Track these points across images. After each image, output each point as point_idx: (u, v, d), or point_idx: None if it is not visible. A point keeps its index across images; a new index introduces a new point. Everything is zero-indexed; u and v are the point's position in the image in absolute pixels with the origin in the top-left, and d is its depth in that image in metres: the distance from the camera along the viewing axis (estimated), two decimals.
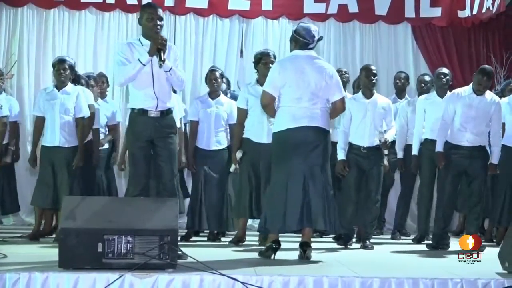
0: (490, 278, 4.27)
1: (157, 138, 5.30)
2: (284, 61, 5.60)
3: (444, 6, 9.79)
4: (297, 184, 5.25)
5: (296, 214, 5.22)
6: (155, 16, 5.25)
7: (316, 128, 5.33)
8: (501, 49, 9.77)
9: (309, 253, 5.30)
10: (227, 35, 9.70)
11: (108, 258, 4.21)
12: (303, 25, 5.60)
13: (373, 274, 4.31)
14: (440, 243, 6.57)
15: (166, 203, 4.57)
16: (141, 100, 5.28)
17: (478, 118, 6.51)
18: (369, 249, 6.49)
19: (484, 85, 6.52)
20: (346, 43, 9.91)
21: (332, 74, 5.43)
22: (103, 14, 9.54)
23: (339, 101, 5.45)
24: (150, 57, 5.16)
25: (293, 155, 5.28)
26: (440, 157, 6.57)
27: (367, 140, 6.63)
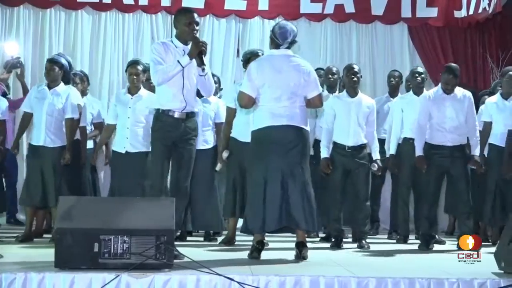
0: (486, 278, 4.27)
1: (181, 140, 5.33)
2: (260, 61, 5.56)
3: (440, 6, 9.82)
4: (275, 183, 5.24)
5: (275, 214, 5.20)
6: (193, 21, 5.32)
7: (296, 128, 5.31)
8: (497, 49, 9.80)
9: (305, 252, 5.29)
10: (224, 35, 9.72)
11: (104, 258, 4.20)
12: (281, 23, 5.58)
13: (369, 274, 4.31)
14: (429, 242, 6.56)
15: (162, 203, 4.56)
16: (169, 101, 5.30)
17: (454, 116, 6.54)
18: (366, 248, 6.49)
19: (452, 83, 6.56)
20: (343, 43, 9.94)
21: (310, 71, 5.42)
22: (99, 14, 9.56)
23: (316, 97, 5.42)
24: (190, 60, 5.21)
25: (272, 154, 5.26)
26: (421, 161, 6.58)
27: (351, 139, 6.64)
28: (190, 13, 5.41)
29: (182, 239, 7.03)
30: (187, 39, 5.30)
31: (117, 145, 6.82)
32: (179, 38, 5.37)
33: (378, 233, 8.38)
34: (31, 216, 6.85)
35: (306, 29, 9.94)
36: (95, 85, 9.43)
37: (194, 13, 5.41)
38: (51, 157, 6.67)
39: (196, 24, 5.33)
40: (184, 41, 5.34)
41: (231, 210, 6.70)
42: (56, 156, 6.68)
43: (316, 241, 7.30)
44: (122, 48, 9.56)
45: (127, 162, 6.69)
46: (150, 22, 9.64)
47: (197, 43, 5.19)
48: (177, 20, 5.41)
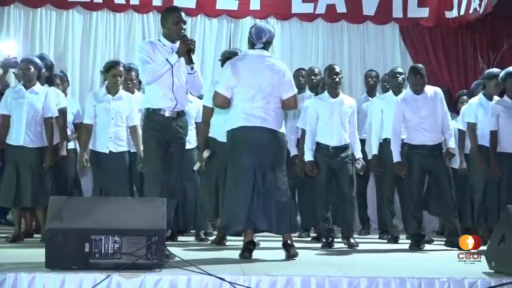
0: (477, 277, 4.28)
1: (172, 139, 5.31)
2: (235, 61, 5.54)
3: (431, 6, 9.85)
4: (247, 183, 5.23)
5: (244, 214, 5.20)
6: (180, 20, 5.31)
7: (269, 130, 5.29)
8: (488, 50, 9.83)
9: (293, 251, 5.28)
10: (215, 34, 9.73)
11: (95, 258, 4.18)
12: (258, 25, 5.58)
13: (360, 273, 4.31)
14: (419, 242, 6.57)
15: (154, 203, 4.54)
16: (159, 100, 5.28)
17: (430, 115, 6.57)
18: (355, 246, 6.50)
19: (420, 83, 6.58)
20: (334, 43, 9.96)
21: (284, 71, 5.40)
22: (90, 14, 9.55)
23: (290, 98, 5.40)
24: (178, 58, 5.19)
25: (245, 154, 5.26)
26: (400, 167, 6.61)
27: (335, 139, 6.66)
28: (177, 11, 5.38)
29: (173, 239, 7.02)
30: (175, 38, 5.29)
31: (100, 146, 6.73)
32: (167, 37, 5.35)
33: (369, 232, 8.39)
34: (18, 217, 6.82)
35: (297, 29, 9.96)
36: (86, 84, 9.43)
37: (181, 12, 5.39)
38: (30, 157, 6.63)
39: (184, 23, 5.32)
40: (172, 40, 5.32)
41: (215, 211, 6.69)
42: (35, 157, 6.64)
43: (307, 241, 7.31)
44: (113, 48, 9.55)
45: (111, 161, 6.65)
46: (142, 22, 9.63)
47: (185, 41, 5.18)
48: (164, 19, 5.39)
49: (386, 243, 7.24)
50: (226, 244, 6.61)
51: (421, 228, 6.65)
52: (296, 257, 5.27)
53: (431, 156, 6.54)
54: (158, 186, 5.20)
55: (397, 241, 7.21)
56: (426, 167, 6.57)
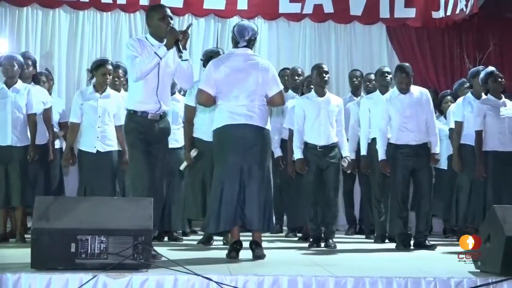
0: (463, 276, 4.30)
1: (155, 140, 5.26)
2: (219, 59, 5.54)
3: (418, 7, 9.89)
4: (233, 182, 5.23)
5: (230, 213, 5.20)
6: (166, 15, 5.23)
7: (254, 127, 5.28)
8: (474, 50, 9.89)
9: (260, 252, 5.26)
10: (203, 34, 9.72)
11: (81, 259, 4.16)
12: (240, 23, 5.57)
13: (347, 273, 4.32)
14: (406, 241, 6.59)
15: (140, 202, 4.52)
16: (143, 102, 5.21)
17: (414, 115, 6.59)
18: (332, 247, 6.49)
19: (406, 82, 6.61)
20: (321, 43, 9.97)
21: (268, 69, 5.37)
22: (77, 13, 9.51)
23: (276, 95, 5.38)
24: (167, 50, 5.10)
25: (231, 153, 5.25)
26: (384, 165, 6.64)
27: (322, 138, 6.67)
28: (162, 8, 5.31)
29: (160, 239, 7.01)
30: (162, 34, 5.17)
31: (87, 145, 6.69)
32: (154, 35, 5.26)
33: (356, 232, 8.40)
34: (3, 217, 6.79)
35: (285, 29, 9.97)
36: (72, 84, 9.39)
37: (167, 8, 5.31)
38: (18, 156, 6.61)
39: (170, 19, 5.24)
40: (159, 38, 5.21)
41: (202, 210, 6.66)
42: (23, 156, 6.63)
43: (294, 240, 7.32)
44: (100, 47, 9.52)
45: (99, 161, 6.61)
46: (128, 21, 9.61)
47: (172, 32, 5.09)
48: (150, 17, 5.30)
49: (373, 243, 7.26)
50: (213, 244, 6.60)
51: (407, 227, 6.66)
52: (263, 259, 5.22)
53: (415, 156, 6.56)
54: (145, 187, 5.15)
55: (384, 241, 7.23)
56: (410, 167, 6.58)
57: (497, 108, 6.84)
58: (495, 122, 6.81)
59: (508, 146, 6.82)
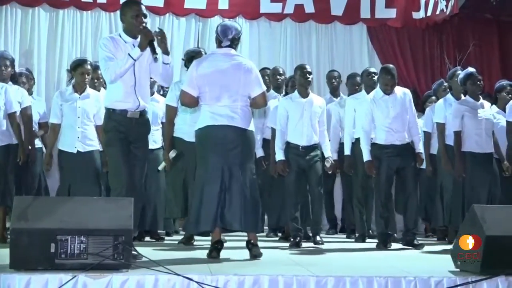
0: (443, 276, 4.32)
1: (134, 139, 5.22)
2: (201, 60, 5.52)
3: (399, 7, 9.93)
4: (214, 183, 5.21)
5: (211, 214, 5.18)
6: (140, 13, 5.15)
7: (236, 128, 5.27)
8: (454, 50, 9.95)
9: (256, 251, 5.28)
10: (184, 34, 9.69)
11: (61, 259, 4.13)
12: (224, 23, 5.56)
13: (328, 273, 4.33)
14: (386, 241, 6.62)
15: (120, 202, 4.51)
16: (122, 100, 5.16)
17: (398, 115, 6.62)
18: (320, 244, 6.53)
19: (391, 84, 6.63)
20: (302, 43, 9.98)
21: (251, 69, 5.35)
22: (57, 11, 9.44)
23: (259, 96, 5.37)
24: (141, 51, 5.05)
25: (212, 154, 5.24)
26: (370, 166, 6.64)
27: (305, 139, 6.68)
28: (137, 5, 5.22)
29: (140, 239, 6.98)
30: (136, 32, 5.13)
31: (67, 145, 6.64)
32: (127, 32, 5.19)
33: (337, 232, 8.42)
34: None
35: (266, 29, 9.97)
36: (52, 83, 9.32)
37: (141, 5, 5.24)
38: None
39: (144, 16, 5.17)
40: (132, 35, 5.16)
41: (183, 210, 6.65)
42: (3, 155, 6.56)
43: (275, 240, 7.32)
44: (80, 47, 9.45)
45: (79, 161, 6.57)
46: (109, 20, 9.55)
47: (145, 33, 5.05)
48: (123, 13, 5.21)
49: (354, 242, 7.27)
50: (194, 244, 6.59)
51: (388, 227, 6.68)
52: (260, 257, 5.26)
53: (399, 156, 6.58)
54: (123, 186, 5.12)
55: (364, 240, 7.25)
56: (394, 166, 6.61)
57: (475, 109, 6.88)
58: (473, 123, 6.85)
59: (484, 148, 6.87)
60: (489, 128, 6.91)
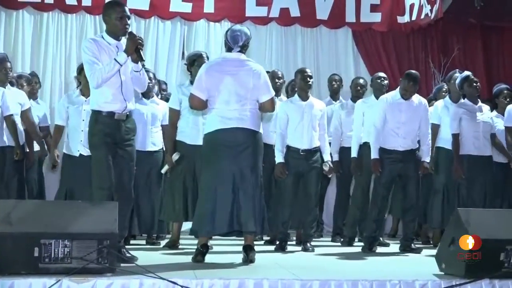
0: (428, 279, 4.34)
1: (121, 141, 5.21)
2: (211, 63, 5.54)
3: (384, 11, 9.96)
4: (226, 186, 5.22)
5: (225, 217, 5.19)
6: (124, 15, 5.13)
7: (246, 130, 5.29)
8: (439, 55, 9.99)
9: (253, 256, 5.29)
10: (169, 37, 9.68)
11: (44, 263, 4.11)
12: (234, 27, 5.57)
13: (313, 276, 4.33)
14: (372, 245, 6.63)
15: (105, 206, 4.49)
16: (109, 102, 5.14)
17: (408, 122, 6.64)
18: (310, 251, 6.53)
19: (410, 90, 6.64)
20: (288, 47, 9.99)
21: (260, 74, 5.38)
22: (41, 14, 9.40)
23: (267, 102, 5.40)
24: (128, 56, 5.05)
25: (223, 157, 5.25)
26: (376, 164, 6.64)
27: (305, 142, 6.67)
28: (121, 6, 5.18)
29: (126, 242, 6.95)
30: (119, 34, 5.13)
31: (70, 148, 6.68)
32: (110, 33, 5.17)
33: (322, 235, 8.41)
34: None
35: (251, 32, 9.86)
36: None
37: (125, 7, 5.22)
38: None
39: (128, 18, 5.16)
40: (116, 37, 5.16)
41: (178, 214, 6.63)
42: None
43: (261, 244, 7.31)
44: (65, 50, 9.41)
45: (81, 165, 6.51)
46: (94, 23, 9.51)
47: (132, 39, 5.04)
48: (107, 14, 5.17)
49: (340, 246, 7.28)
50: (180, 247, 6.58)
51: (377, 231, 6.70)
52: (253, 262, 5.25)
53: (401, 161, 6.59)
54: (105, 189, 5.10)
55: (351, 244, 7.25)
56: (395, 172, 6.62)
57: (473, 112, 6.91)
58: (470, 126, 6.88)
59: (482, 151, 6.90)
60: (487, 131, 6.95)
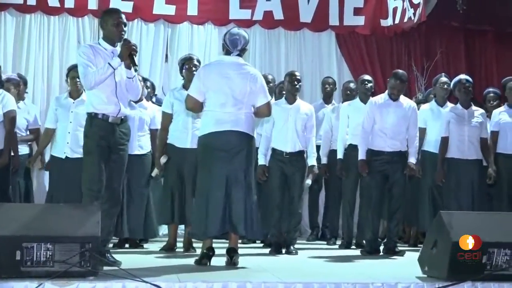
0: (410, 282, 4.35)
1: (115, 145, 5.23)
2: (209, 66, 5.60)
3: (367, 15, 9.98)
4: (219, 188, 5.23)
5: (217, 219, 5.20)
6: (121, 22, 5.25)
7: (240, 133, 5.32)
8: (422, 58, 10.02)
9: (236, 259, 5.29)
10: (152, 39, 9.64)
11: (26, 267, 4.08)
12: (233, 31, 5.59)
13: (296, 279, 4.34)
14: (373, 248, 6.65)
15: (88, 209, 4.48)
16: (103, 105, 5.19)
17: (397, 123, 6.67)
18: (294, 254, 6.53)
19: (398, 89, 6.68)
20: (272, 50, 9.99)
21: (257, 79, 5.43)
22: (23, 16, 9.33)
23: (263, 106, 5.46)
24: (121, 61, 5.13)
25: (216, 159, 5.27)
26: (363, 165, 6.67)
27: (289, 145, 6.68)
28: (117, 13, 5.33)
29: (121, 246, 6.96)
30: (115, 40, 5.25)
31: (57, 150, 6.70)
32: (107, 39, 5.29)
33: (318, 238, 8.40)
34: None
35: None
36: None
37: (121, 14, 5.33)
38: None
39: (124, 25, 5.27)
40: (112, 43, 5.27)
41: (169, 217, 6.64)
42: None
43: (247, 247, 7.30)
44: (47, 52, 9.34)
45: (67, 167, 6.56)
46: (77, 26, 9.45)
47: (127, 44, 5.14)
48: (104, 21, 5.32)
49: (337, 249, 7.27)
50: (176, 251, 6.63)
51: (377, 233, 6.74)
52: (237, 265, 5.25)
53: (389, 163, 6.63)
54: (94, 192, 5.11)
55: (349, 247, 7.26)
56: (384, 173, 6.65)
57: (462, 117, 6.97)
58: (456, 130, 6.95)
59: (465, 154, 6.96)
60: (473, 136, 6.99)
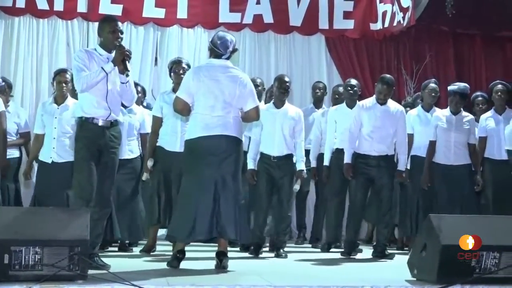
0: (400, 285, 4.37)
1: (105, 148, 5.24)
2: (198, 69, 5.60)
3: (356, 18, 10.01)
4: (207, 193, 5.22)
5: (205, 223, 5.18)
6: (117, 29, 5.31)
7: (229, 137, 5.32)
8: (411, 62, 10.04)
9: (226, 262, 5.28)
10: (142, 43, 9.62)
11: (15, 270, 4.06)
12: (220, 34, 5.59)
13: (286, 282, 4.34)
14: (352, 250, 6.67)
15: (77, 213, 4.46)
16: (93, 109, 5.22)
17: (383, 127, 6.69)
18: (283, 257, 6.53)
19: (384, 93, 6.71)
20: (261, 53, 9.99)
21: (246, 83, 5.44)
22: (12, 19, 9.30)
23: (252, 110, 5.46)
24: (114, 66, 5.18)
25: (205, 164, 5.25)
26: (348, 169, 6.69)
27: (276, 149, 6.69)
28: (114, 21, 5.39)
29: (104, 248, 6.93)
30: (111, 47, 5.29)
31: (43, 155, 6.67)
32: (103, 46, 5.35)
33: (306, 239, 8.40)
34: None
35: None
36: None
37: (118, 22, 5.40)
38: None
39: (121, 33, 5.34)
40: (108, 49, 5.32)
41: (155, 219, 6.64)
42: None
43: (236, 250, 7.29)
44: (36, 55, 9.31)
45: (53, 172, 6.54)
46: (66, 29, 9.42)
47: (120, 50, 5.20)
48: (101, 28, 5.39)
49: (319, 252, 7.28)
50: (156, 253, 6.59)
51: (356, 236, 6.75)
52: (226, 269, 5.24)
53: (376, 167, 6.65)
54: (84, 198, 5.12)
55: (329, 250, 7.27)
56: (370, 177, 6.67)
57: (450, 122, 7.02)
58: (442, 135, 7.00)
59: (451, 160, 7.00)
60: (459, 142, 7.02)
